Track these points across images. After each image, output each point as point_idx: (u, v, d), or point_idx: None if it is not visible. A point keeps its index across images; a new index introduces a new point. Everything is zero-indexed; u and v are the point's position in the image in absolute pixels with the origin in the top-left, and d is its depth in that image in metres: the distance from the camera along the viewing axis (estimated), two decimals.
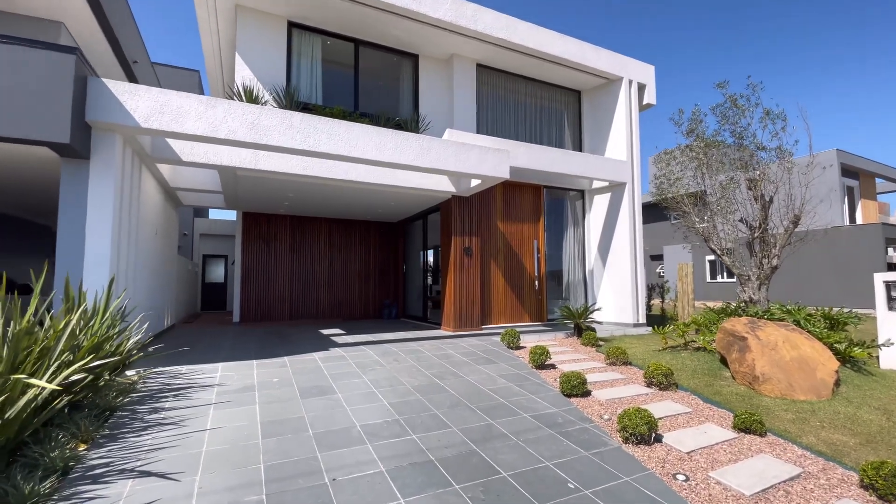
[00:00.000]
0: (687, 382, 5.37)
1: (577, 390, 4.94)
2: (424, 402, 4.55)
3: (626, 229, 9.95)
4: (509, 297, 9.67)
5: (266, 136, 5.88)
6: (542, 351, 6.18)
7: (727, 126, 6.91)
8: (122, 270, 5.71)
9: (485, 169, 7.50)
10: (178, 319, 10.73)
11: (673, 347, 6.97)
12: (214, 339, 7.91)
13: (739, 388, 5.09)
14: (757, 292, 7.09)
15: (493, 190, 9.58)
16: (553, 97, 11.07)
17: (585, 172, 9.52)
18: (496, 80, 10.20)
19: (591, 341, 7.76)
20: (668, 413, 4.48)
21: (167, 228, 8.92)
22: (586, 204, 11.04)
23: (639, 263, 10.08)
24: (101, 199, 5.23)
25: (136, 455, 3.25)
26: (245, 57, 7.79)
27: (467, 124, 9.42)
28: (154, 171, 7.31)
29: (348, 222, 12.01)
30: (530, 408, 4.53)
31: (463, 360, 6.32)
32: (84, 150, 5.06)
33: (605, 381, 5.60)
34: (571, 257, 10.88)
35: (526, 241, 10.00)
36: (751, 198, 7.12)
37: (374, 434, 3.74)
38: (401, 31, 8.69)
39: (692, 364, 5.98)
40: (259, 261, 10.93)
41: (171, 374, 5.18)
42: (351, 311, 11.90)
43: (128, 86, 5.20)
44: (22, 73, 4.41)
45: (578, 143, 11.32)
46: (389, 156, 6.71)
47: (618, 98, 10.44)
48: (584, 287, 10.89)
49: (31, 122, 4.43)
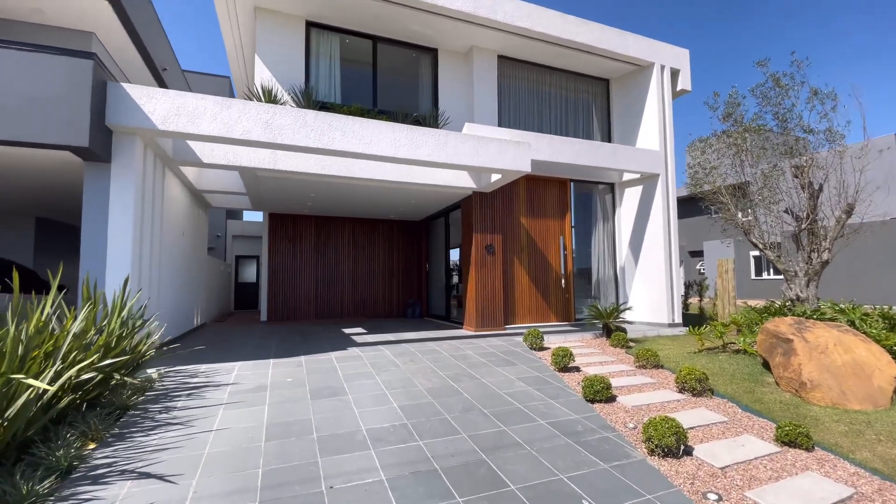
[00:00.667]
0: (724, 388, 4.93)
1: (600, 395, 4.62)
2: (436, 405, 4.37)
3: (660, 223, 9.40)
4: (534, 295, 9.34)
5: (280, 136, 5.86)
6: (565, 353, 5.86)
7: (769, 108, 6.32)
8: (144, 270, 5.85)
9: (504, 163, 7.22)
10: (209, 318, 11.04)
11: (710, 349, 6.47)
12: (239, 337, 8.04)
13: (784, 396, 4.60)
14: (805, 289, 6.44)
15: (516, 185, 9.28)
16: (580, 87, 10.62)
17: (614, 164, 9.05)
18: (519, 71, 9.87)
19: (621, 342, 7.35)
20: (700, 422, 4.10)
21: (196, 230, 9.16)
22: (616, 198, 10.52)
23: (674, 260, 9.50)
24: (122, 201, 5.35)
25: (141, 455, 3.24)
26: (264, 58, 7.86)
27: (488, 118, 9.15)
28: (178, 173, 7.48)
29: (372, 222, 12.00)
30: (548, 414, 4.26)
31: (481, 361, 6.09)
32: (105, 153, 5.19)
33: (632, 385, 5.23)
34: (601, 254, 10.41)
35: (551, 237, 9.63)
36: (797, 186, 6.48)
37: (379, 439, 3.59)
38: (419, 26, 8.54)
39: (731, 368, 5.50)
40: (285, 261, 11.08)
41: (190, 372, 5.24)
42: (375, 311, 11.89)
43: (145, 89, 5.30)
44: (42, 79, 4.55)
45: (607, 134, 10.81)
46: (405, 152, 6.57)
47: (649, 85, 9.88)
48: (614, 285, 10.39)
49: (51, 127, 4.56)
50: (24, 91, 4.47)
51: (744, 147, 6.37)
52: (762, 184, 6.35)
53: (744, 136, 6.22)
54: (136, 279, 5.49)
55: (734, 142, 6.43)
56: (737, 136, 6.25)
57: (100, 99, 5.00)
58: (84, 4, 7.07)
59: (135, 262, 5.44)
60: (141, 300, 5.32)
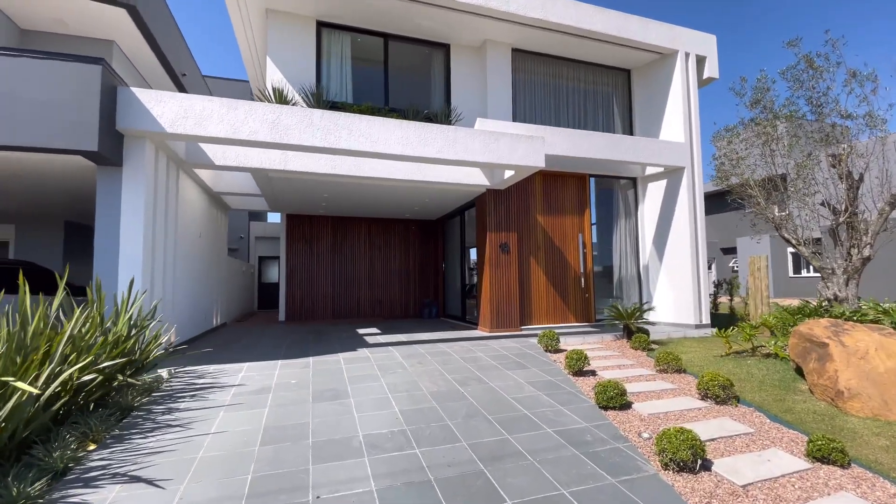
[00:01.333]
0: (751, 396, 4.57)
1: (614, 402, 4.36)
2: (439, 410, 4.21)
3: (685, 219, 8.94)
4: (552, 295, 9.05)
5: (287, 136, 5.83)
6: (580, 356, 5.60)
7: (801, 92, 5.83)
8: (158, 272, 5.94)
9: (516, 158, 6.99)
10: (230, 318, 11.25)
11: (738, 353, 6.06)
12: (254, 338, 8.12)
13: (818, 405, 4.22)
14: (843, 288, 5.92)
15: (532, 181, 9.01)
16: (599, 79, 10.24)
17: (635, 158, 8.66)
18: (534, 64, 9.59)
19: (642, 345, 7.01)
20: (722, 433, 3.78)
21: (214, 231, 9.32)
22: (639, 192, 10.09)
23: (701, 257, 9.03)
24: (134, 204, 5.43)
25: (135, 458, 3.22)
26: (275, 60, 7.89)
27: (502, 113, 8.92)
28: (194, 176, 7.59)
29: (387, 221, 11.95)
30: (556, 421, 4.03)
31: (492, 364, 5.90)
32: (116, 157, 5.28)
33: (650, 391, 4.93)
34: (623, 252, 10.01)
35: (570, 235, 9.31)
36: (834, 176, 5.96)
37: (375, 446, 3.47)
38: (430, 21, 8.40)
39: (760, 374, 5.11)
40: (302, 261, 11.17)
41: (199, 373, 5.28)
42: (392, 311, 11.84)
43: (154, 93, 5.36)
44: (52, 85, 4.65)
45: (629, 127, 10.39)
46: (413, 149, 6.44)
47: (672, 74, 9.41)
48: (637, 284, 9.97)
49: (62, 132, 4.65)
50: (34, 97, 4.58)
51: (774, 136, 5.89)
52: (795, 174, 5.86)
53: (774, 124, 5.75)
54: (148, 280, 5.57)
55: (763, 130, 5.96)
56: (766, 124, 5.79)
57: (110, 103, 5.08)
58: (103, 14, 7.26)
59: (146, 264, 5.52)
60: (149, 301, 5.38)
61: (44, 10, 7.10)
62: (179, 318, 6.82)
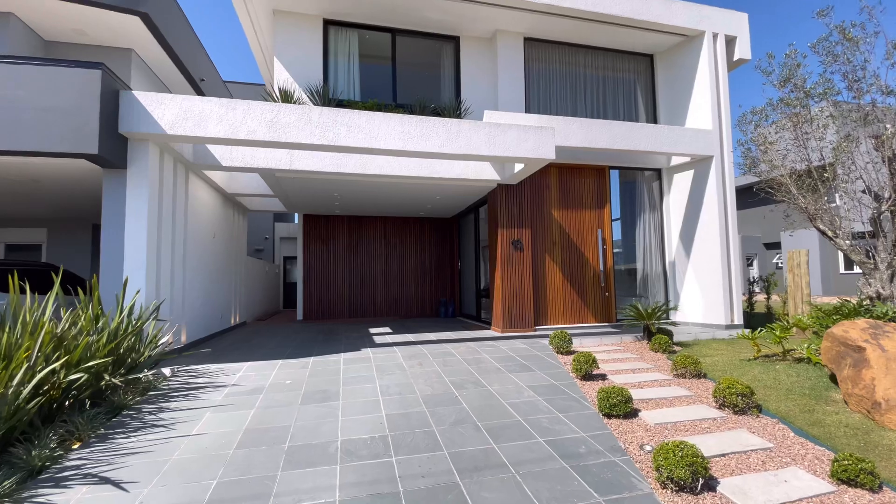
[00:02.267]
0: (776, 405, 4.10)
1: (617, 410, 4.02)
2: (427, 415, 4.02)
3: (715, 211, 8.32)
4: (569, 294, 8.65)
5: (285, 134, 5.79)
6: (587, 358, 5.25)
7: (835, 67, 5.18)
8: (164, 272, 6.04)
9: (525, 151, 6.68)
10: (251, 317, 11.48)
11: (768, 357, 5.53)
12: (266, 337, 8.19)
13: (851, 418, 3.71)
14: (887, 285, 5.23)
15: (547, 175, 8.63)
16: (619, 65, 9.71)
17: (658, 147, 8.14)
18: (548, 53, 9.20)
19: (662, 347, 6.54)
20: (736, 448, 3.38)
21: (230, 232, 9.50)
22: (664, 184, 9.51)
23: (732, 252, 8.38)
24: (138, 206, 5.53)
25: (111, 458, 3.21)
26: (283, 60, 7.91)
27: (515, 105, 8.60)
28: (206, 178, 7.72)
29: (402, 220, 11.85)
30: (551, 430, 3.75)
31: (495, 366, 5.64)
32: (120, 160, 5.39)
33: (662, 398, 4.54)
34: (647, 248, 9.46)
35: (588, 230, 8.87)
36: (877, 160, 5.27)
37: (351, 452, 3.31)
38: (438, 13, 8.19)
39: (788, 380, 4.61)
40: (319, 261, 11.24)
41: (199, 372, 5.31)
42: (408, 310, 11.73)
43: (155, 95, 5.43)
44: (54, 91, 4.78)
45: (653, 115, 9.80)
46: (414, 144, 6.26)
47: (699, 57, 8.78)
48: (663, 282, 9.40)
49: (64, 137, 4.78)
50: (37, 103, 4.73)
51: (807, 116, 5.28)
52: (833, 159, 5.22)
53: (806, 103, 5.15)
54: (152, 280, 5.67)
55: (794, 111, 5.36)
56: (796, 103, 5.20)
57: (112, 107, 5.19)
58: (119, 23, 7.50)
59: (150, 264, 5.61)
60: (147, 301, 5.45)
61: (64, 22, 7.41)
62: (190, 316, 6.95)
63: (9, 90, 4.65)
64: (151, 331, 5.21)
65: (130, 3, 7.16)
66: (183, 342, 6.70)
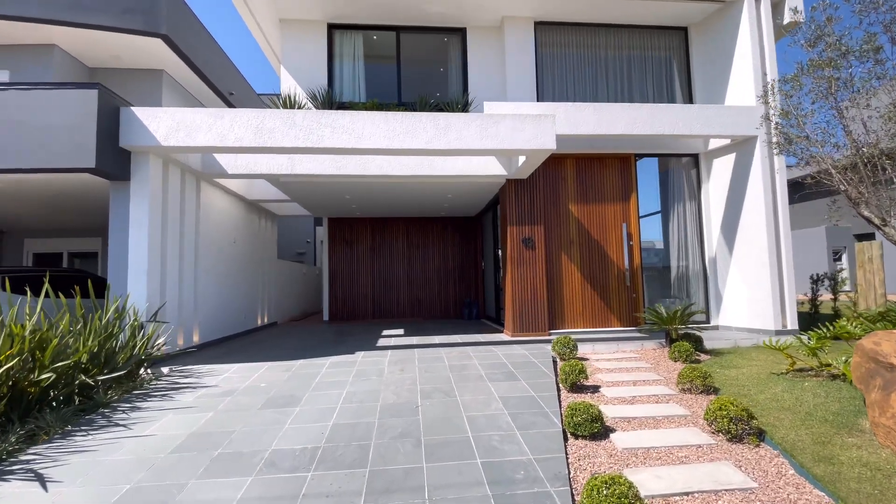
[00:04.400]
0: (785, 433, 3.36)
1: (582, 430, 3.53)
2: (374, 426, 3.80)
3: (760, 199, 7.24)
4: (589, 296, 7.97)
5: (270, 139, 5.87)
6: (576, 368, 4.73)
7: (875, 17, 4.09)
8: (169, 276, 6.39)
9: (520, 142, 6.22)
10: (283, 317, 11.97)
11: (801, 371, 4.62)
12: (281, 338, 8.44)
13: (875, 455, 2.90)
14: None
15: (561, 166, 8.03)
16: (648, 43, 8.80)
17: (688, 129, 7.23)
18: (563, 36, 8.56)
19: (683, 355, 5.77)
20: (706, 486, 2.79)
21: (254, 237, 9.93)
22: (702, 171, 8.45)
23: (784, 246, 7.24)
24: (139, 214, 5.90)
25: (59, 456, 3.37)
26: (289, 67, 8.10)
27: (525, 94, 8.09)
28: (222, 186, 8.11)
29: (424, 220, 11.71)
30: (497, 450, 3.37)
31: (479, 373, 5.28)
32: (122, 172, 5.78)
33: (650, 417, 3.94)
34: (683, 243, 8.47)
35: (611, 225, 8.12)
36: None
37: (273, 464, 3.19)
38: (439, 6, 7.94)
39: (813, 401, 3.78)
40: (343, 263, 11.44)
41: (190, 373, 5.53)
42: (431, 311, 11.57)
43: (150, 110, 5.75)
44: (56, 111, 5.22)
45: (688, 94, 8.77)
46: (400, 142, 6.07)
47: (739, 24, 7.67)
48: (702, 281, 8.35)
49: (65, 153, 5.20)
50: (44, 124, 5.19)
51: (847, 80, 4.23)
52: (881, 129, 4.15)
53: (839, 64, 4.14)
54: (154, 285, 6.01)
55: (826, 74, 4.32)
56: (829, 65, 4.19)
57: (112, 123, 5.57)
58: (145, 46, 8.09)
59: (152, 269, 5.95)
60: (148, 304, 5.77)
61: (101, 49, 8.16)
62: (203, 318, 7.32)
63: (20, 114, 5.16)
64: (150, 332, 5.51)
65: (150, 26, 7.68)
66: (195, 342, 7.07)
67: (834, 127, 4.51)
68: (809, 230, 15.16)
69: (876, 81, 4.21)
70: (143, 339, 5.27)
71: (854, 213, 4.47)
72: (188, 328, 6.86)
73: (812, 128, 4.73)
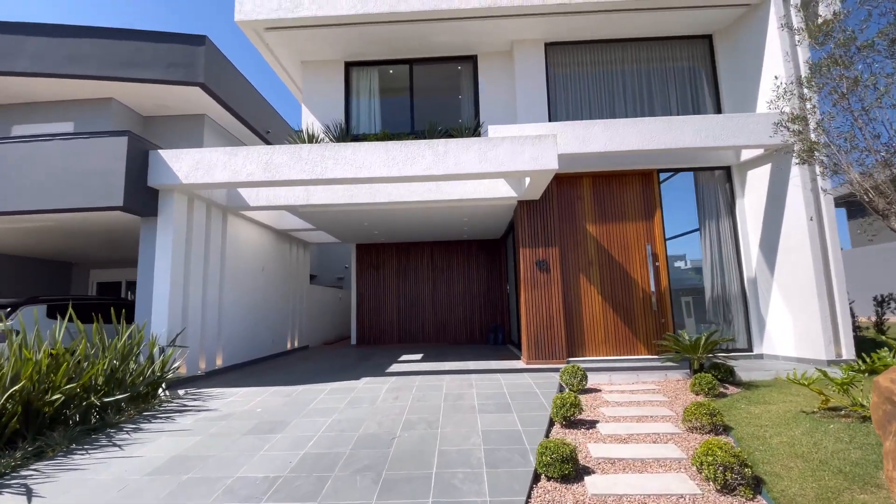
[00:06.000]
0: (789, 484, 2.88)
1: (551, 471, 3.26)
2: (343, 457, 3.76)
3: (801, 212, 6.53)
4: (612, 321, 7.50)
5: (278, 172, 6.21)
6: (567, 402, 4.42)
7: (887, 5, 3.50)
8: (192, 303, 6.84)
9: (520, 164, 6.11)
10: (317, 341, 12.34)
11: (835, 410, 3.98)
12: (305, 361, 8.69)
13: None
14: None
15: (577, 185, 7.76)
16: (668, 54, 8.41)
17: (711, 141, 6.76)
18: (576, 55, 8.41)
19: (705, 388, 5.23)
20: None
21: (289, 264, 10.44)
22: (735, 185, 7.79)
23: (833, 266, 6.43)
24: (163, 246, 6.42)
25: (53, 472, 3.64)
26: (309, 103, 8.61)
27: (536, 115, 7.99)
28: (250, 218, 8.65)
29: (448, 243, 11.72)
30: (456, 490, 3.18)
31: (472, 404, 5.08)
32: (150, 209, 6.36)
33: (638, 459, 3.56)
34: (718, 263, 7.77)
35: (634, 246, 7.66)
36: None
37: (231, 491, 3.24)
38: (447, 36, 8.14)
39: (832, 447, 3.23)
40: (370, 288, 11.67)
41: (200, 395, 5.82)
42: (457, 335, 11.41)
43: (174, 152, 6.33)
44: (91, 157, 5.90)
45: (716, 105, 8.20)
46: (399, 169, 6.19)
47: (767, 27, 7.13)
48: (742, 304, 7.58)
49: (98, 194, 5.82)
50: (79, 168, 5.88)
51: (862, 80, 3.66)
52: None
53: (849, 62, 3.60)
54: (176, 311, 6.46)
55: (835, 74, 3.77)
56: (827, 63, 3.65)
57: (141, 165, 6.19)
58: (186, 94, 9.01)
59: (174, 297, 6.41)
60: (169, 330, 6.18)
61: (150, 100, 9.18)
62: (227, 342, 7.71)
63: (62, 160, 5.89)
64: (167, 356, 5.90)
65: (189, 76, 8.55)
66: (218, 366, 7.46)
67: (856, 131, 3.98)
68: (889, 245, 13.36)
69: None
70: (160, 362, 5.64)
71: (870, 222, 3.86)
72: (211, 352, 7.25)
73: (835, 133, 4.20)
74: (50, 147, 5.88)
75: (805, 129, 4.65)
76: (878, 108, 3.94)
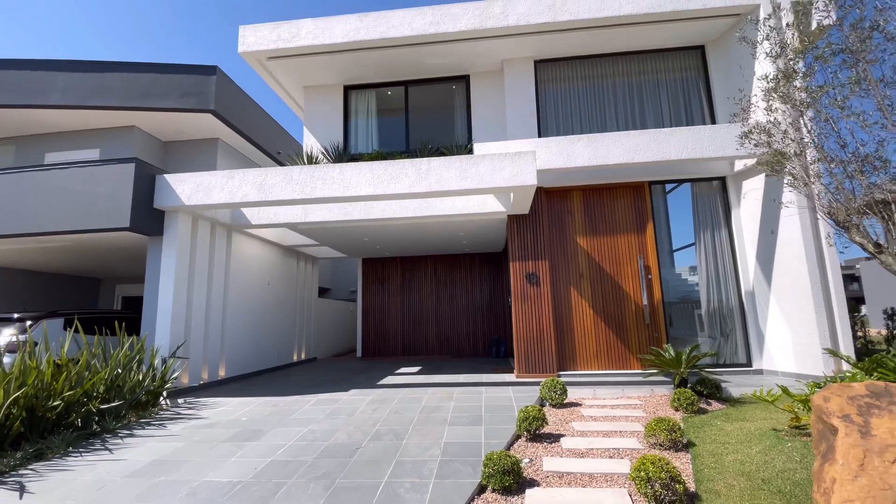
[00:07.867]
0: (725, 503, 2.86)
1: (494, 482, 3.34)
2: (304, 465, 3.94)
3: (796, 222, 6.38)
4: (604, 334, 7.45)
5: (271, 193, 6.59)
6: (532, 415, 4.47)
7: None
8: (195, 317, 7.25)
9: (500, 180, 6.26)
10: (325, 353, 12.67)
11: (802, 428, 3.87)
12: (303, 374, 8.99)
13: None
14: None
15: (567, 199, 7.81)
16: (659, 66, 8.40)
17: (699, 153, 6.71)
18: (566, 71, 8.51)
19: (684, 404, 5.15)
20: None
21: (295, 279, 10.86)
22: (731, 196, 7.64)
23: (832, 280, 6.22)
24: (168, 263, 6.88)
25: (46, 472, 3.98)
26: (310, 125, 9.06)
27: (525, 131, 8.12)
28: (255, 235, 9.11)
29: (451, 257, 11.87)
30: (398, 499, 3.30)
31: (444, 417, 5.18)
32: (155, 229, 6.84)
33: (586, 474, 3.58)
34: (713, 275, 7.60)
35: (626, 258, 7.62)
36: None
37: (192, 494, 3.47)
38: (437, 58, 8.43)
39: (782, 465, 3.16)
40: (375, 301, 11.94)
41: (196, 404, 6.16)
42: (459, 348, 11.48)
43: (177, 175, 6.82)
44: (101, 182, 6.43)
45: (710, 115, 8.11)
46: (384, 188, 6.45)
47: (757, 35, 7.04)
48: (740, 318, 7.37)
49: (107, 216, 6.33)
50: (91, 192, 6.41)
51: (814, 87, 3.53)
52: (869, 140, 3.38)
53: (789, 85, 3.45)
54: (179, 325, 6.87)
55: (780, 92, 3.65)
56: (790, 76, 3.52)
57: (148, 189, 6.69)
58: (199, 120, 9.65)
59: (177, 311, 6.84)
60: (171, 343, 6.58)
61: (168, 126, 9.88)
62: (230, 354, 8.10)
63: (77, 186, 6.47)
64: (166, 366, 6.29)
65: (201, 104, 9.17)
66: (221, 376, 7.83)
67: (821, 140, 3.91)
68: None
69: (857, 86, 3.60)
70: (160, 372, 6.02)
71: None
72: (213, 363, 7.64)
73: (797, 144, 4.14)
74: (66, 174, 6.49)
75: (771, 141, 4.59)
76: (843, 118, 3.88)
